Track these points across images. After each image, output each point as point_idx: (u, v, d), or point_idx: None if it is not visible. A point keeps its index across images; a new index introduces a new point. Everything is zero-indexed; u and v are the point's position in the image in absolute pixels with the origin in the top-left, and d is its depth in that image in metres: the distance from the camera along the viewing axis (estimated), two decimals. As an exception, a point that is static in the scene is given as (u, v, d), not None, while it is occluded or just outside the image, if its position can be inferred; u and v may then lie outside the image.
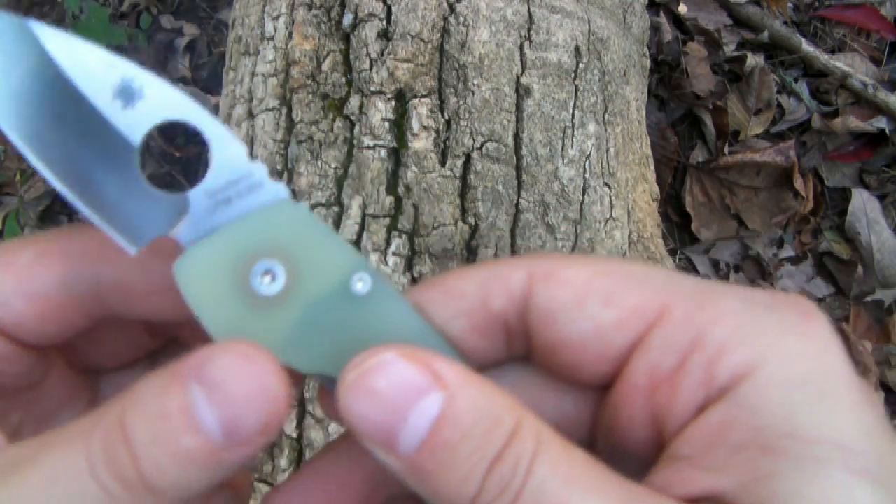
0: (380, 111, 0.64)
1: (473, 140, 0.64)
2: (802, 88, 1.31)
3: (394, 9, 0.65)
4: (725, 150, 1.27)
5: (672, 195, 1.28)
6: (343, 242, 0.23)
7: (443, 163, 0.64)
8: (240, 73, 0.72)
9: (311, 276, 0.22)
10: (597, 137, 0.69)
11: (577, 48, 0.69)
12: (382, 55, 0.65)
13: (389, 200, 0.63)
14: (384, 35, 0.65)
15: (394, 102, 0.65)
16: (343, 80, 0.66)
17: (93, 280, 0.24)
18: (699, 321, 0.22)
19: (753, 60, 1.28)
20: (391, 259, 0.62)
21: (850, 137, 1.29)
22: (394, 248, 0.62)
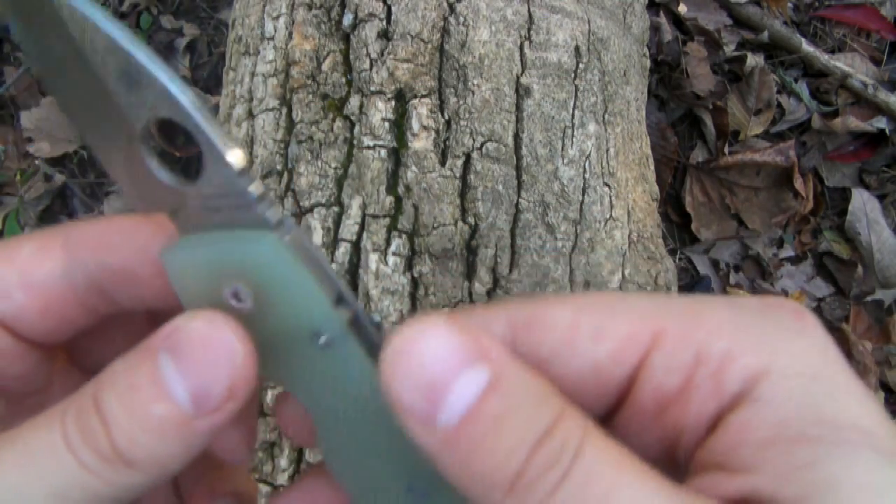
0: (380, 111, 0.64)
1: (473, 140, 0.64)
2: (802, 88, 1.31)
3: (394, 9, 0.65)
4: (725, 150, 1.27)
5: (672, 195, 1.28)
6: (315, 289, 0.22)
7: (443, 163, 0.64)
8: (240, 73, 0.72)
9: (277, 313, 0.22)
10: (597, 137, 0.69)
11: (577, 48, 0.69)
12: (382, 55, 0.65)
13: (389, 200, 0.63)
14: (384, 35, 0.65)
15: (394, 102, 0.65)
16: (343, 80, 0.66)
17: (95, 269, 0.24)
18: (696, 337, 0.22)
19: (753, 60, 1.28)
20: (391, 259, 0.62)
21: (850, 137, 1.29)
22: (394, 248, 0.62)
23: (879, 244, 1.24)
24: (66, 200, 1.39)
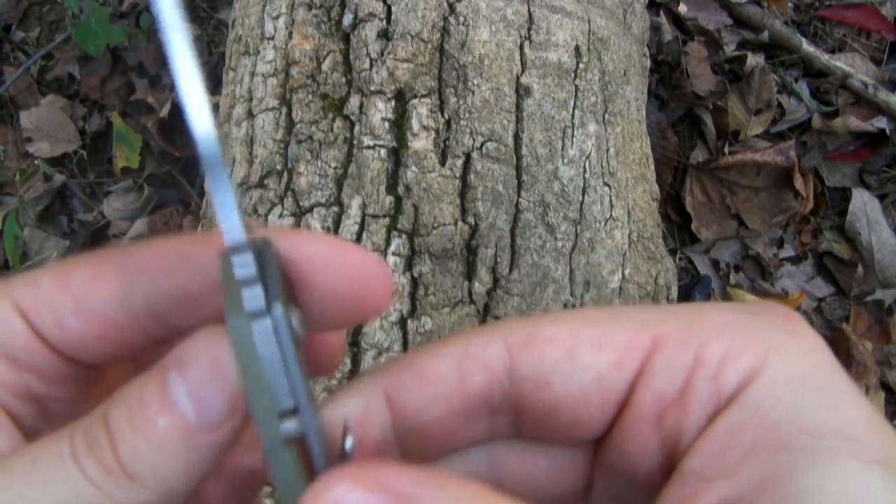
0: (380, 111, 0.64)
1: (473, 140, 0.64)
2: (802, 88, 1.31)
3: (394, 9, 0.65)
4: (725, 150, 1.27)
5: (672, 195, 1.28)
6: (261, 393, 0.21)
7: (443, 163, 0.64)
8: (240, 73, 0.72)
9: (245, 386, 0.21)
10: (597, 137, 0.69)
11: (577, 48, 0.69)
12: (382, 55, 0.65)
13: (389, 200, 0.63)
14: (384, 35, 0.65)
15: (394, 102, 0.65)
16: (343, 80, 0.66)
17: (153, 295, 0.23)
18: (695, 340, 0.22)
19: (753, 60, 1.28)
20: (391, 259, 0.62)
21: (851, 137, 1.29)
22: (394, 248, 0.62)
23: (880, 244, 1.24)
24: (66, 200, 1.39)
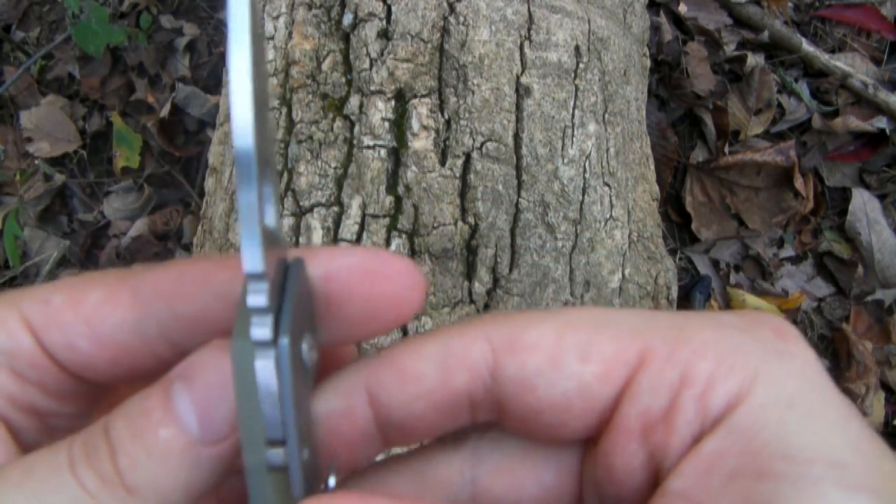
0: (380, 111, 0.64)
1: (473, 140, 0.64)
2: (802, 88, 1.31)
3: (394, 8, 0.65)
4: (725, 150, 1.27)
5: (672, 195, 1.28)
6: (251, 420, 0.21)
7: (443, 163, 0.64)
8: (240, 73, 0.72)
9: (240, 410, 0.21)
10: (597, 137, 0.69)
11: (577, 48, 0.69)
12: (382, 55, 0.65)
13: (389, 200, 0.63)
14: (384, 35, 0.65)
15: (394, 102, 0.65)
16: (343, 80, 0.66)
17: (168, 320, 0.23)
18: (682, 358, 0.22)
19: (753, 60, 1.28)
20: (391, 259, 0.62)
21: (851, 137, 1.29)
22: (393, 248, 0.62)
23: (880, 244, 1.24)
24: (66, 200, 1.39)
